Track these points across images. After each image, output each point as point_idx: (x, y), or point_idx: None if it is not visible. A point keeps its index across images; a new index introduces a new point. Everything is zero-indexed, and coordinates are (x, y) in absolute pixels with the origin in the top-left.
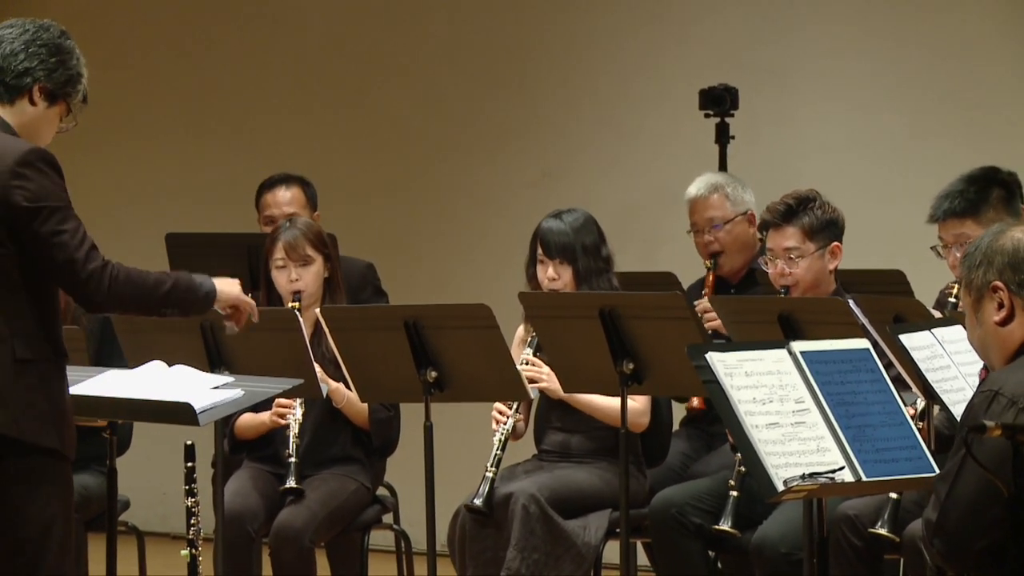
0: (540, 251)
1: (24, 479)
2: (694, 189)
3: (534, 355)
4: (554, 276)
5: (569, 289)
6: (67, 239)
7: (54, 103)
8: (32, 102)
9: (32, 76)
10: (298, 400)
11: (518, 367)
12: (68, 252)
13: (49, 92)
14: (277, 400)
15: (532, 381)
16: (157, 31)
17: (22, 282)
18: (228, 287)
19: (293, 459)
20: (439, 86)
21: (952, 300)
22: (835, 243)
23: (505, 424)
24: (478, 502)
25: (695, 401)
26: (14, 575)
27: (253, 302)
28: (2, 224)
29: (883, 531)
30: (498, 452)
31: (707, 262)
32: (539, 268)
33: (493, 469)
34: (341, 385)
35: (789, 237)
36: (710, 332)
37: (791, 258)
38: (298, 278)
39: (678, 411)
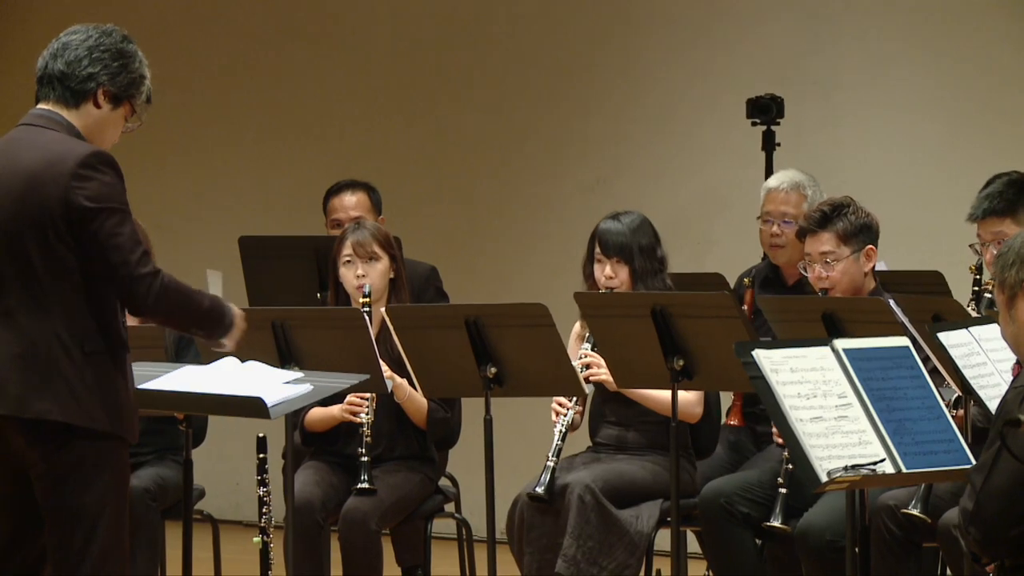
0: (598, 250)
1: (90, 464)
2: (775, 181)
3: (592, 350)
4: (611, 275)
5: (625, 287)
6: (122, 241)
7: (119, 105)
8: (97, 105)
9: (96, 81)
10: (369, 402)
11: (577, 361)
12: (122, 254)
13: (113, 95)
14: (349, 398)
15: (589, 371)
16: (236, 49)
17: (84, 280)
18: (241, 320)
19: (365, 458)
20: (499, 97)
21: (988, 296)
22: (869, 246)
23: (565, 416)
24: (540, 490)
25: (734, 419)
26: (68, 554)
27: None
28: (64, 224)
29: (915, 511)
30: (559, 443)
31: (747, 279)
32: (596, 267)
33: (554, 459)
34: (404, 381)
35: (824, 242)
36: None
37: (827, 262)
38: (364, 274)
39: (726, 405)
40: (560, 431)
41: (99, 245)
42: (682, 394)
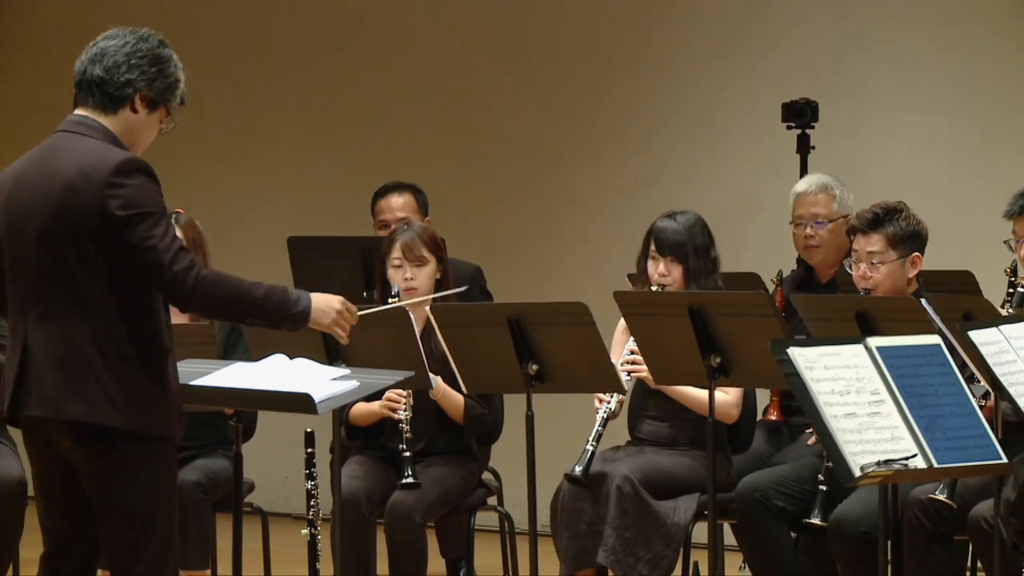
0: (653, 248)
1: (135, 464)
2: (804, 185)
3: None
4: (664, 272)
5: (678, 286)
6: (156, 243)
7: (155, 109)
8: (134, 110)
9: (134, 87)
10: (407, 399)
11: (624, 356)
12: (157, 255)
13: (150, 100)
14: (387, 394)
15: (633, 366)
16: (286, 55)
17: (119, 285)
18: (325, 307)
19: (407, 453)
20: (540, 101)
21: (1021, 291)
22: (916, 253)
23: (608, 403)
24: (578, 470)
25: (773, 414)
26: (121, 552)
27: (352, 308)
28: (99, 231)
29: (942, 496)
30: (599, 428)
31: (773, 278)
32: (650, 264)
33: (594, 443)
34: (439, 378)
35: (873, 243)
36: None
37: (873, 263)
38: (413, 277)
39: (762, 402)
40: (602, 417)
41: (135, 250)
42: (720, 396)
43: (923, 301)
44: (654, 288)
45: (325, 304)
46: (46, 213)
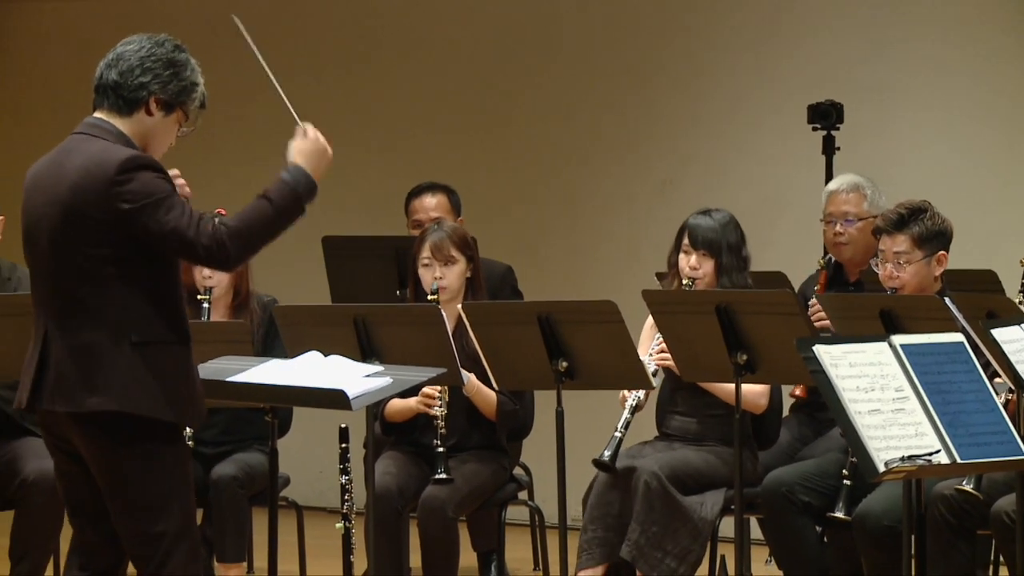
0: (686, 242)
1: (149, 456)
2: (836, 184)
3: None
4: (696, 265)
5: (709, 280)
6: (175, 223)
7: (171, 112)
8: (149, 113)
9: (147, 89)
10: (442, 395)
11: (653, 349)
12: (182, 235)
13: (165, 103)
14: (423, 391)
15: (661, 356)
16: (320, 61)
17: (129, 278)
18: (315, 160)
19: (441, 449)
20: (570, 103)
21: None
22: (942, 252)
23: (636, 395)
24: (607, 455)
25: (798, 390)
26: (137, 544)
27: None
28: (108, 228)
29: (968, 487)
30: (628, 416)
31: (820, 260)
32: (682, 257)
33: (622, 430)
34: (472, 375)
35: (900, 243)
36: (821, 330)
37: (899, 262)
38: (442, 276)
39: (788, 399)
40: (630, 406)
41: (158, 236)
42: (749, 386)
43: (946, 300)
44: (684, 282)
45: (309, 152)
46: (56, 213)
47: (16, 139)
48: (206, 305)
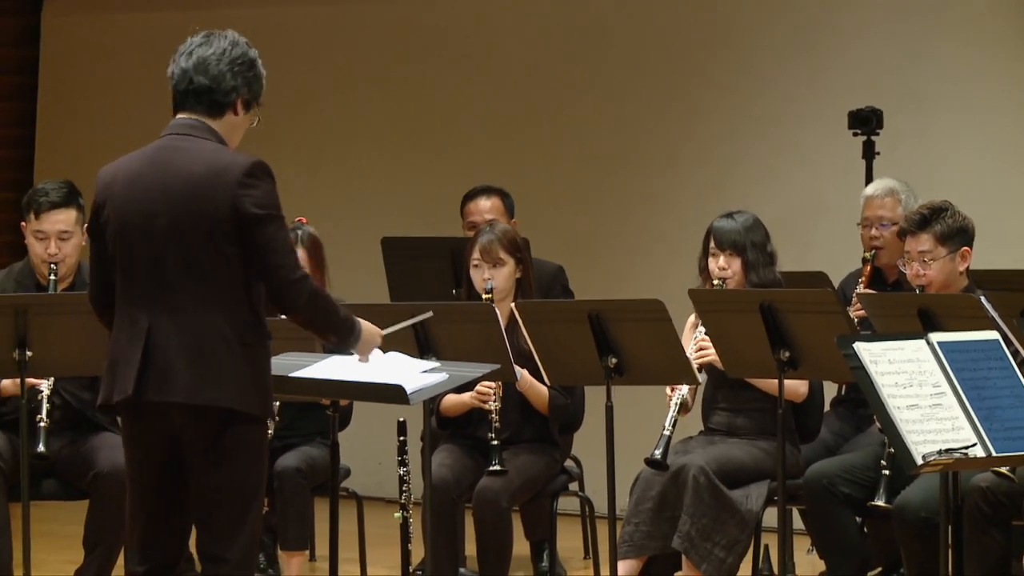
0: (712, 245)
1: (249, 447)
2: (872, 189)
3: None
4: (724, 266)
5: (738, 278)
6: (280, 246)
7: (249, 109)
8: (235, 112)
9: (237, 92)
10: (496, 390)
11: (691, 346)
12: (279, 257)
13: (247, 102)
14: (478, 386)
15: (701, 352)
16: (378, 67)
17: (244, 278)
18: (370, 338)
19: (495, 442)
20: (620, 107)
21: None
22: (965, 248)
23: (681, 391)
24: (657, 454)
25: None
26: (221, 532)
27: (374, 347)
28: (231, 227)
29: (1004, 468)
30: (674, 414)
31: (866, 254)
32: (711, 260)
33: (670, 428)
34: (526, 371)
35: (923, 242)
36: (857, 321)
37: (925, 261)
38: (490, 277)
39: (828, 394)
40: (675, 403)
41: (260, 248)
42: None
43: (982, 299)
44: (715, 283)
45: (372, 336)
46: (172, 211)
47: (96, 146)
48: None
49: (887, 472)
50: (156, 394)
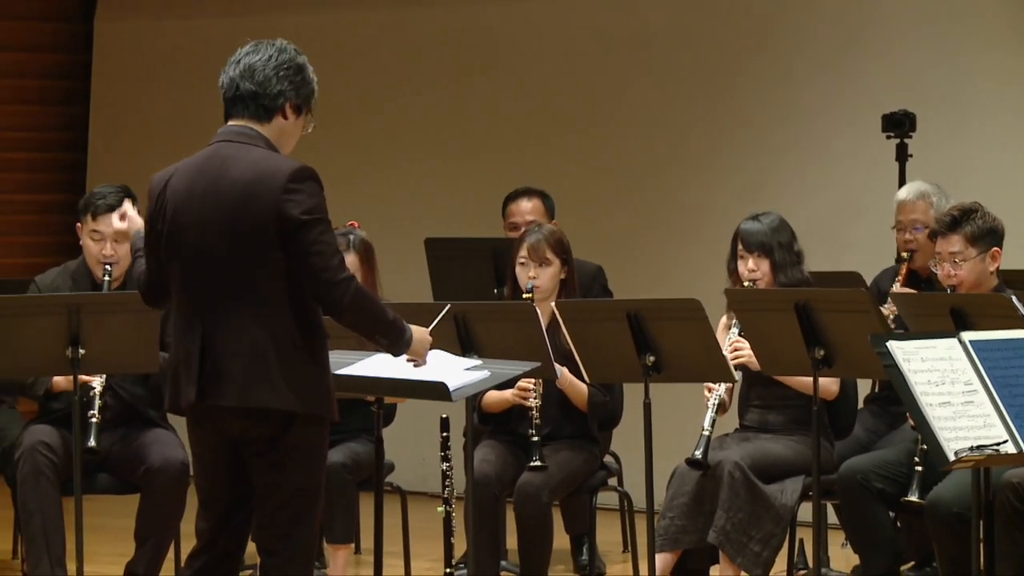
0: (741, 247)
1: (308, 447)
2: (904, 193)
3: (739, 335)
4: (753, 268)
5: (767, 279)
6: (325, 249)
7: (300, 114)
8: (285, 117)
9: (285, 96)
10: (537, 387)
11: (726, 347)
12: (325, 260)
13: (297, 106)
14: (519, 383)
15: (736, 353)
16: (426, 75)
17: (292, 281)
18: (422, 340)
19: (536, 438)
20: (657, 113)
21: None
22: (995, 248)
23: (718, 391)
24: (698, 454)
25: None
26: (278, 532)
27: (427, 349)
28: (276, 232)
29: None
30: (712, 415)
31: (903, 253)
32: (740, 263)
33: (709, 428)
34: (566, 369)
35: (954, 243)
36: (893, 317)
37: (955, 261)
38: (536, 276)
39: (862, 392)
40: (713, 404)
41: (305, 252)
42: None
43: (1013, 299)
44: (745, 283)
45: (422, 340)
46: (224, 218)
47: (146, 149)
48: None
49: (920, 468)
50: (213, 399)
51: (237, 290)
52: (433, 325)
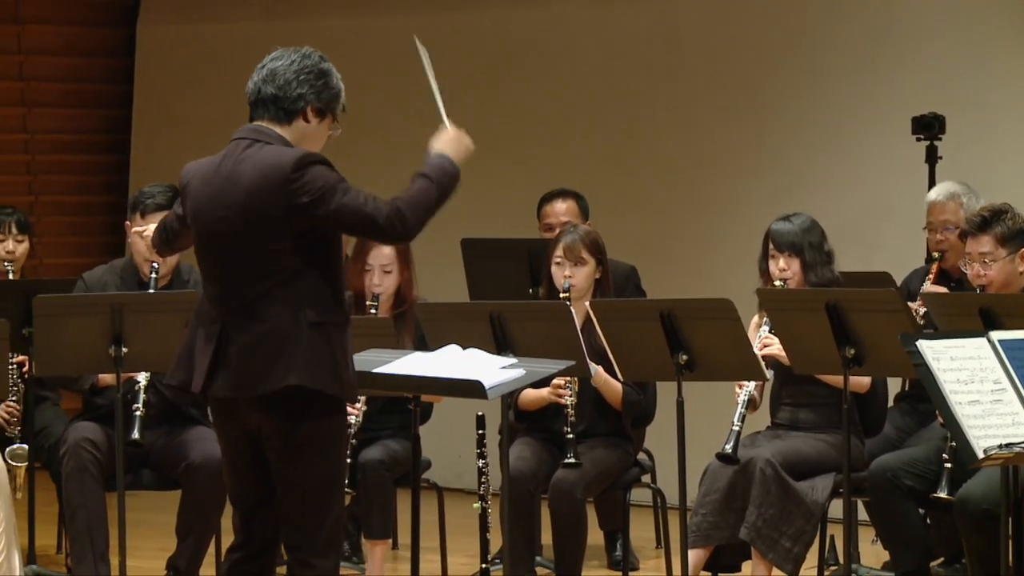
0: (772, 247)
1: (323, 436)
2: (934, 194)
3: (769, 333)
4: (784, 267)
5: (797, 279)
6: (353, 204)
7: (323, 118)
8: (306, 120)
9: (304, 100)
10: (572, 386)
11: (756, 344)
12: (361, 213)
13: (319, 110)
14: (554, 381)
15: (767, 350)
16: (462, 78)
17: (307, 266)
18: (457, 146)
19: (570, 435)
20: (690, 113)
21: None
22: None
23: (748, 387)
24: (728, 448)
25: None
26: (305, 522)
27: (460, 143)
28: (287, 222)
29: None
30: (742, 411)
31: (935, 253)
32: (771, 262)
33: (739, 423)
34: (600, 368)
35: (984, 244)
36: (923, 313)
37: (985, 262)
38: (571, 275)
39: (892, 389)
40: (743, 400)
41: (338, 219)
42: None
43: None
44: (776, 283)
45: (453, 146)
46: (236, 215)
47: (188, 150)
48: (373, 311)
49: (949, 465)
50: (226, 391)
51: (254, 282)
52: (438, 98)
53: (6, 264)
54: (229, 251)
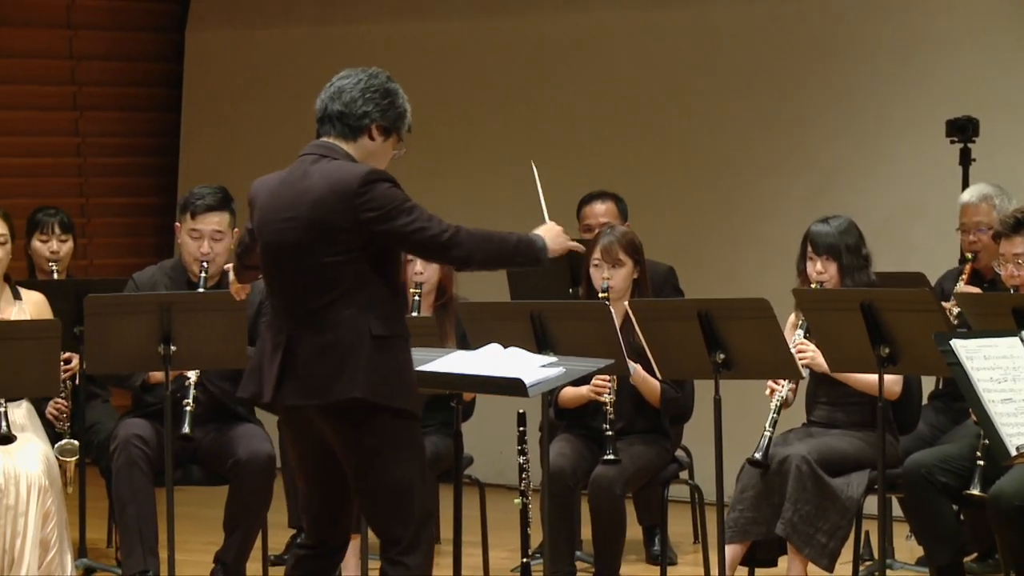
0: (810, 250)
1: (392, 442)
2: (967, 195)
3: (804, 337)
4: (821, 270)
5: (834, 282)
6: (416, 223)
7: (388, 136)
8: (371, 138)
9: (370, 117)
10: (611, 384)
11: (792, 347)
12: (424, 232)
13: (384, 128)
14: (594, 379)
15: (801, 355)
16: (504, 87)
17: (370, 280)
18: (555, 236)
19: (610, 432)
20: (726, 118)
21: None
22: None
23: (780, 392)
24: (758, 455)
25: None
26: (390, 528)
27: (562, 237)
28: (353, 237)
29: None
30: (774, 415)
31: (968, 254)
32: (808, 264)
33: (770, 429)
34: (639, 366)
35: (1017, 245)
36: (957, 313)
37: (1019, 263)
38: (609, 277)
39: (926, 387)
40: (775, 405)
41: (402, 237)
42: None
43: None
44: (813, 285)
45: (554, 235)
46: (301, 227)
47: (236, 154)
48: (416, 299)
49: (982, 462)
50: (295, 399)
51: (318, 294)
52: (543, 204)
53: (51, 264)
54: (293, 262)
